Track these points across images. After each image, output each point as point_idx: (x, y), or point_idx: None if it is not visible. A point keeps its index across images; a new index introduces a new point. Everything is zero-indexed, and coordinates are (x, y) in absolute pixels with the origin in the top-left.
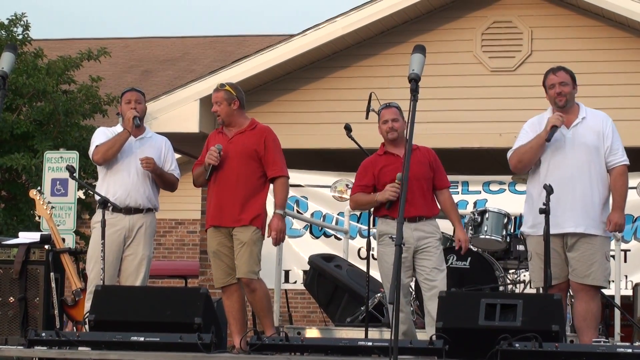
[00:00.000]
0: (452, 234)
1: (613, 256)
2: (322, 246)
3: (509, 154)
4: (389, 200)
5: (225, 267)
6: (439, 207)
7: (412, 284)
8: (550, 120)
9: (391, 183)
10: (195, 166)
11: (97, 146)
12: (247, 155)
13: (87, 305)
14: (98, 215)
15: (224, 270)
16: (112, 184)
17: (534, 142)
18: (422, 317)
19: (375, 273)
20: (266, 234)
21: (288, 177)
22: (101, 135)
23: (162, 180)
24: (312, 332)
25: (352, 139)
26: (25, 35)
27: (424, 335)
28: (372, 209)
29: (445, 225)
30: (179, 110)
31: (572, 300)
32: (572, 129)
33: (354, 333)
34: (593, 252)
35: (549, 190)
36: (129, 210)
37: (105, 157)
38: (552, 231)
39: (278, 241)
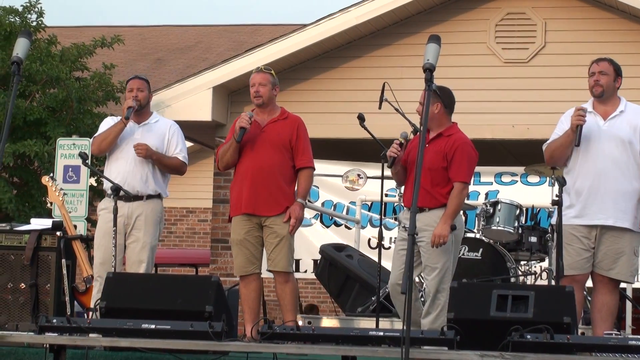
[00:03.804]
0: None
1: None
2: (332, 235)
3: (544, 147)
4: (391, 156)
5: (250, 256)
6: None
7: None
8: (572, 122)
9: (396, 140)
10: (220, 148)
11: (94, 137)
12: (282, 145)
13: (94, 292)
14: (103, 203)
15: (247, 259)
16: (111, 172)
17: (562, 139)
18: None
19: (386, 263)
20: None
21: (314, 169)
22: (105, 125)
23: (163, 165)
24: (322, 322)
25: (365, 129)
26: (39, 22)
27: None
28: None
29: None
30: (192, 99)
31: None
32: (609, 121)
33: (365, 323)
34: (621, 246)
35: (561, 182)
36: (128, 198)
37: (100, 148)
38: (581, 222)
39: (295, 229)
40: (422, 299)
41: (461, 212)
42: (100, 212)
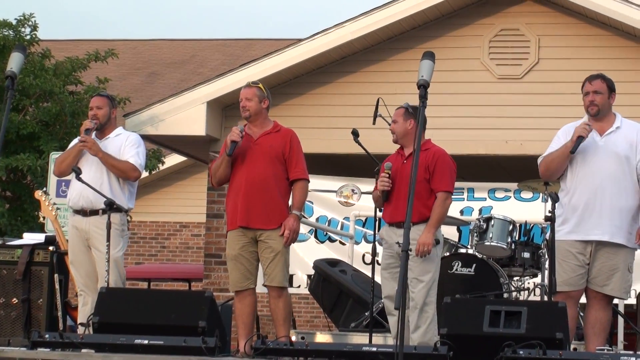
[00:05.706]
0: (456, 240)
1: None
2: (326, 251)
3: (539, 160)
4: (382, 190)
5: (245, 271)
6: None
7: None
8: (577, 131)
9: (382, 174)
10: (212, 164)
11: (56, 158)
12: (274, 157)
13: (80, 306)
14: (69, 220)
15: (243, 274)
16: (70, 188)
17: (560, 151)
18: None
19: (380, 279)
20: None
21: (308, 181)
22: (71, 145)
23: (110, 165)
24: (316, 337)
25: (359, 144)
26: (33, 36)
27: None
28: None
29: (449, 232)
30: (186, 113)
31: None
32: (605, 137)
33: (358, 338)
34: (616, 262)
35: (554, 198)
36: (85, 212)
37: (60, 169)
38: (577, 237)
39: (290, 241)
40: None
41: (443, 227)
42: (68, 229)
